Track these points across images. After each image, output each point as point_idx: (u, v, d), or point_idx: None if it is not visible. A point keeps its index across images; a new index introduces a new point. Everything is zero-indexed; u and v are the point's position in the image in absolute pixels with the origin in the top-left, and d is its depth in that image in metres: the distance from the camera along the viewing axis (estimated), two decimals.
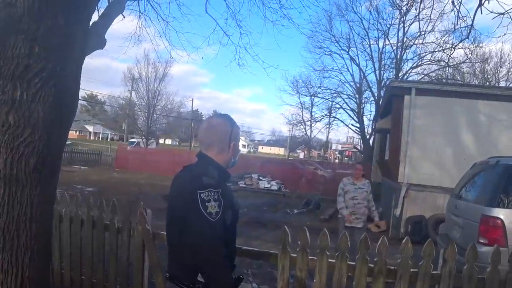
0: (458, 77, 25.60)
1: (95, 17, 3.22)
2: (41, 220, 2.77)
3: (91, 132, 70.15)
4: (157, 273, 3.66)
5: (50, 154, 2.68)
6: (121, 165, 25.33)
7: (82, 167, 23.89)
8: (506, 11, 4.81)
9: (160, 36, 6.68)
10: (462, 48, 18.25)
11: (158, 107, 47.53)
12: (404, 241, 3.03)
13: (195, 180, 1.78)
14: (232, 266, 1.97)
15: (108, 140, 60.26)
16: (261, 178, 20.43)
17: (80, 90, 3.08)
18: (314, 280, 3.18)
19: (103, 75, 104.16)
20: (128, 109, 48.40)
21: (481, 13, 4.96)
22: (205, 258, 1.69)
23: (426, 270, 2.99)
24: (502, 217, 4.57)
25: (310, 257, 3.17)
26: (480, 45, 21.01)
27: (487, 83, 26.38)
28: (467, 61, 22.51)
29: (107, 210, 3.97)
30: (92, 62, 8.94)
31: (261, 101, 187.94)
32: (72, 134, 58.92)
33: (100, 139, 64.17)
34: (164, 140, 74.84)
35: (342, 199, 6.00)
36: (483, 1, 4.57)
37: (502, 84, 26.99)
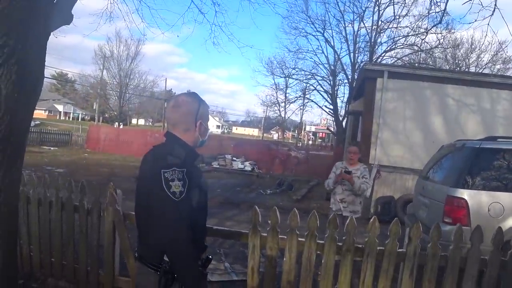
0: (430, 62, 26.06)
1: None
2: (6, 203, 2.69)
3: (61, 111, 68.12)
4: (128, 254, 3.65)
5: (14, 135, 2.59)
6: (92, 146, 24.82)
7: (51, 148, 23.27)
8: None
9: (133, 13, 6.51)
10: (434, 33, 18.66)
11: (130, 86, 46.70)
12: (371, 220, 3.11)
13: (160, 159, 1.76)
14: (203, 246, 1.98)
15: (79, 120, 58.74)
16: (235, 159, 20.45)
17: (49, 68, 2.98)
18: (284, 259, 3.24)
19: (74, 53, 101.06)
20: (100, 88, 47.30)
21: None
22: (168, 238, 1.68)
23: (392, 248, 3.09)
24: (466, 197, 4.75)
25: (280, 236, 3.22)
26: (452, 31, 21.51)
27: (458, 68, 27.02)
28: (439, 46, 22.95)
29: (76, 191, 3.89)
30: (62, 39, 8.62)
31: (237, 82, 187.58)
32: (42, 114, 57.18)
33: (70, 119, 62.46)
34: (137, 120, 73.67)
35: (331, 181, 5.39)
36: None
37: (472, 69, 27.71)
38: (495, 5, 4.97)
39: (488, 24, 5.64)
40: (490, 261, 3.04)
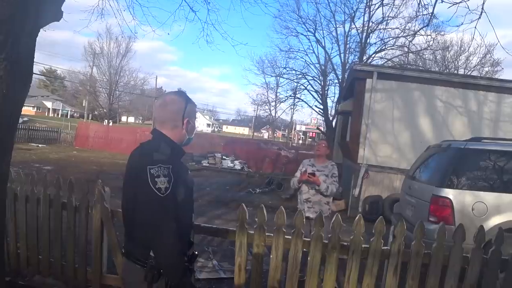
0: (420, 64, 26.30)
1: None
2: None
3: (49, 108, 67.38)
4: (116, 251, 3.66)
5: (2, 130, 2.59)
6: (81, 143, 24.70)
7: (40, 145, 23.03)
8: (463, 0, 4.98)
9: (124, 10, 6.49)
10: (423, 35, 18.86)
11: (120, 83, 46.40)
12: (356, 218, 3.16)
13: (146, 156, 1.79)
14: (189, 242, 2.01)
15: (68, 117, 58.15)
16: (225, 157, 20.48)
17: (38, 64, 2.97)
18: (271, 256, 3.27)
19: (65, 49, 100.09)
20: (89, 85, 46.90)
21: (442, 1, 5.13)
22: (153, 233, 1.71)
23: (377, 246, 3.15)
24: (451, 197, 4.84)
25: (267, 234, 3.26)
26: (442, 33, 21.74)
27: (447, 70, 27.31)
28: (428, 48, 23.18)
29: (64, 188, 3.89)
30: (52, 36, 8.54)
31: (229, 81, 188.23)
32: (30, 110, 56.56)
33: (59, 116, 61.79)
34: (127, 118, 73.24)
35: (296, 180, 5.06)
36: None
37: (461, 71, 28.06)
38: (482, 8, 5.05)
39: (475, 27, 5.73)
40: (472, 258, 3.12)
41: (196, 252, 2.01)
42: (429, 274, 3.15)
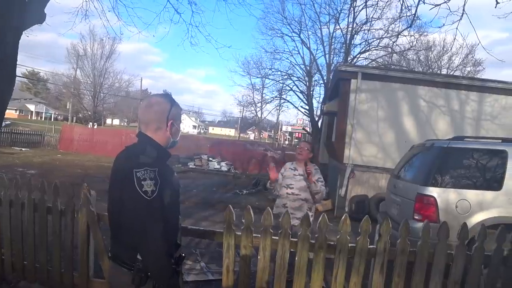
0: (404, 64, 26.64)
1: None
2: None
3: (32, 111, 66.33)
4: (102, 255, 3.64)
5: None
6: (66, 147, 24.39)
7: (23, 149, 22.64)
8: (445, 1, 5.09)
9: (109, 11, 6.46)
10: (407, 35, 19.14)
11: (105, 85, 46.00)
12: (343, 218, 3.19)
13: (132, 159, 1.78)
14: (176, 244, 2.01)
15: (52, 120, 57.31)
16: (211, 159, 20.44)
17: (20, 66, 2.94)
18: (259, 257, 3.29)
19: (47, 51, 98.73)
20: (73, 88, 46.37)
21: (424, 3, 5.24)
22: (139, 236, 1.70)
23: (363, 244, 3.19)
24: (435, 195, 4.92)
25: (254, 235, 3.27)
26: (425, 34, 22.09)
27: (430, 70, 27.73)
28: (411, 48, 23.50)
29: (49, 192, 3.84)
30: (35, 37, 8.42)
31: (214, 82, 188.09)
32: (12, 113, 55.58)
33: (42, 119, 60.81)
34: (112, 120, 72.56)
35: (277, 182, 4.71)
36: None
37: (444, 71, 28.55)
38: (463, 10, 5.17)
39: (457, 28, 5.86)
40: (456, 255, 3.18)
41: (184, 254, 2.02)
42: (415, 271, 3.20)
